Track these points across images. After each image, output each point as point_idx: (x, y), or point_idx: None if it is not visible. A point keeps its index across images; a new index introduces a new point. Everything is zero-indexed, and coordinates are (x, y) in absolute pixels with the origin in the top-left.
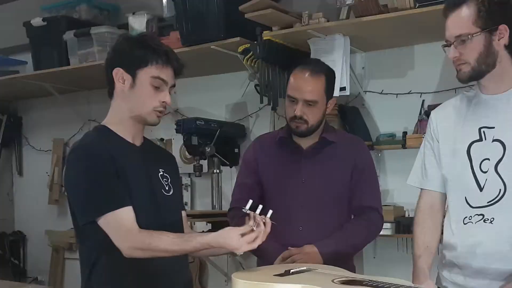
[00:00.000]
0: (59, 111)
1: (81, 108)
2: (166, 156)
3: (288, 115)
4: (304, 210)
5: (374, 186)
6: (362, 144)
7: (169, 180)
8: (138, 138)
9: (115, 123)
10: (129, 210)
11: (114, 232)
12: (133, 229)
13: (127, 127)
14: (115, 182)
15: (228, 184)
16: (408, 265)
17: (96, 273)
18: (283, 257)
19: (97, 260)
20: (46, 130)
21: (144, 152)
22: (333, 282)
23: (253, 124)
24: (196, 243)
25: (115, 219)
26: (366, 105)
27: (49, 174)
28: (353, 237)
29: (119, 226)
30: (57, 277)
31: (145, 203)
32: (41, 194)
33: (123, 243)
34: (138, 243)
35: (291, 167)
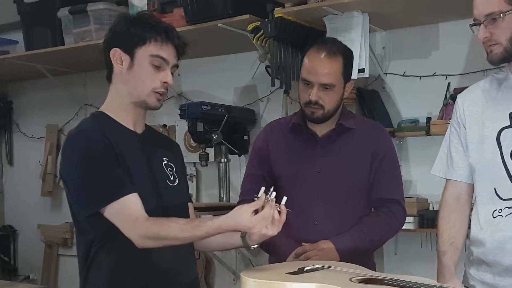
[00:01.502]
0: (52, 95)
1: (77, 91)
2: (170, 144)
3: (302, 100)
4: (320, 203)
5: (395, 177)
6: (383, 130)
7: (174, 170)
8: (140, 125)
9: (114, 109)
10: (136, 197)
11: (122, 222)
12: (141, 217)
13: (127, 113)
14: (117, 168)
15: (236, 174)
16: (432, 262)
17: (95, 270)
18: (296, 254)
19: (95, 256)
20: (39, 116)
21: (146, 139)
22: (351, 281)
23: (263, 109)
24: (207, 228)
25: (122, 207)
26: (386, 88)
27: (42, 164)
28: (373, 232)
29: (127, 215)
30: (50, 275)
31: (148, 194)
32: (33, 185)
33: (132, 233)
34: (147, 232)
35: (305, 156)
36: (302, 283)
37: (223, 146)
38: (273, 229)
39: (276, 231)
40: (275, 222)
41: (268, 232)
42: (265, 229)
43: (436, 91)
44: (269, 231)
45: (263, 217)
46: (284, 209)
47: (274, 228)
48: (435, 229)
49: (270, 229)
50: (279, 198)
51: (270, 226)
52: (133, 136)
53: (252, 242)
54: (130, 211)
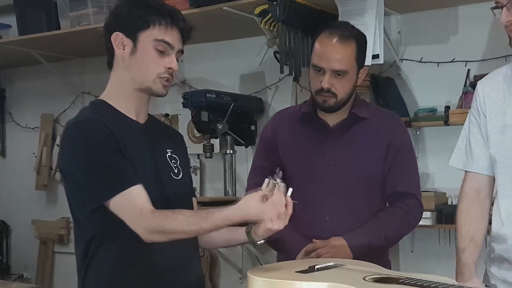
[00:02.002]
0: (48, 83)
1: (74, 78)
2: (174, 134)
3: (313, 87)
4: (331, 197)
5: (411, 169)
6: (398, 120)
7: (178, 162)
8: (142, 114)
9: (115, 97)
10: (141, 189)
11: (127, 215)
12: (146, 209)
13: (129, 101)
14: (120, 158)
15: (243, 167)
16: (450, 260)
17: (94, 268)
18: (306, 251)
19: (95, 254)
20: (33, 104)
21: (149, 130)
22: (365, 280)
23: (272, 97)
24: (215, 220)
25: (127, 200)
26: (402, 75)
27: (36, 155)
28: (388, 228)
29: (132, 207)
30: (45, 274)
31: (151, 188)
32: (27, 178)
33: (138, 226)
34: (153, 225)
35: (316, 147)
36: (312, 282)
37: (228, 136)
38: (279, 223)
39: (283, 225)
40: (281, 215)
41: (274, 226)
42: (271, 222)
43: (455, 78)
44: (275, 225)
45: (273, 202)
46: (291, 201)
47: (281, 222)
48: (453, 225)
49: (276, 223)
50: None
51: (276, 219)
52: (135, 126)
53: (257, 238)
54: (135, 203)
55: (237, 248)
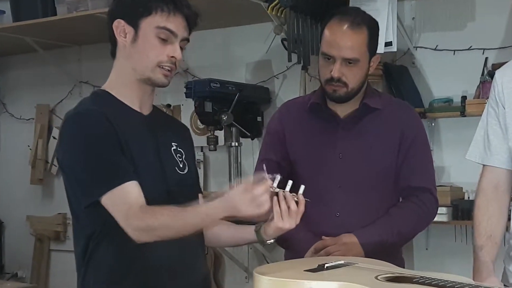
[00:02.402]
0: (43, 71)
1: (71, 67)
2: (180, 128)
3: (323, 77)
4: (342, 192)
5: (426, 162)
6: (412, 111)
7: (183, 156)
8: (146, 105)
9: (117, 87)
10: (135, 185)
11: (117, 212)
12: (134, 205)
13: (132, 92)
14: (118, 153)
15: (249, 160)
16: (467, 258)
17: (94, 266)
18: (315, 249)
19: (94, 252)
20: (28, 94)
21: (153, 122)
22: (377, 279)
23: (279, 87)
24: (201, 214)
25: (120, 196)
26: (416, 63)
27: (31, 148)
28: (401, 224)
29: (122, 204)
30: (40, 273)
31: (154, 182)
32: (22, 172)
33: (126, 225)
34: (139, 223)
35: (325, 139)
36: (322, 282)
37: (234, 128)
38: (290, 222)
39: (294, 224)
40: (293, 214)
41: (285, 225)
42: (282, 221)
43: (472, 67)
44: (286, 224)
45: (252, 196)
46: (302, 199)
47: (292, 220)
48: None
49: (287, 222)
50: (297, 186)
51: (287, 218)
52: (139, 118)
53: (267, 237)
54: (125, 200)
55: (242, 247)
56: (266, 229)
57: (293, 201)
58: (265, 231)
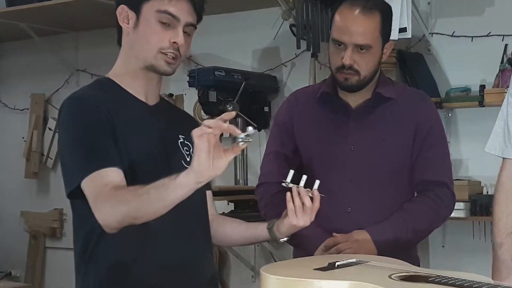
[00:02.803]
0: (39, 59)
1: (67, 54)
2: (188, 119)
3: (334, 64)
4: (353, 186)
5: (442, 155)
6: (428, 101)
7: (191, 150)
8: (152, 95)
9: (122, 75)
10: (116, 172)
11: (89, 197)
12: (106, 187)
13: (137, 81)
14: (105, 139)
15: (255, 153)
16: (486, 256)
17: (94, 265)
18: (326, 246)
19: (95, 249)
20: (23, 83)
21: (159, 113)
22: (391, 278)
23: (287, 75)
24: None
25: (96, 180)
26: (432, 51)
27: (26, 140)
28: (416, 220)
29: (95, 187)
30: (35, 271)
31: (158, 175)
32: (16, 165)
33: (94, 208)
34: (103, 204)
35: (336, 131)
36: (332, 281)
37: (239, 119)
38: (305, 219)
39: (309, 221)
40: (307, 210)
41: (299, 222)
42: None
43: (490, 54)
44: (300, 221)
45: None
46: (317, 195)
47: (306, 217)
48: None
49: (301, 219)
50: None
51: (301, 215)
52: (143, 108)
53: (280, 235)
54: (98, 183)
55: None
56: (279, 227)
57: (308, 197)
58: (278, 229)
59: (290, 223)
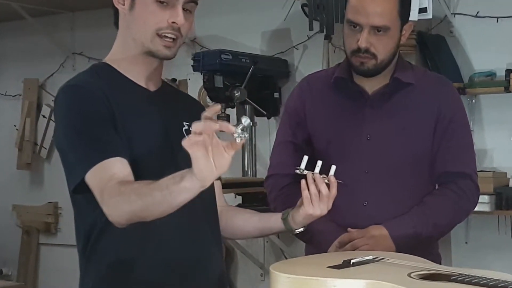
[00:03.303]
0: (32, 41)
1: (63, 36)
2: (193, 105)
3: (349, 47)
4: (370, 178)
5: (465, 145)
6: (450, 86)
7: None
8: (154, 80)
9: (120, 60)
10: (120, 162)
11: (95, 190)
12: (112, 180)
13: (136, 65)
14: (106, 129)
15: (264, 142)
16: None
17: (96, 261)
18: (340, 243)
19: (96, 244)
20: (15, 68)
21: (161, 99)
22: (410, 276)
23: (299, 59)
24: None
25: (100, 172)
26: (455, 32)
27: (18, 128)
28: (437, 214)
29: (100, 180)
30: (28, 269)
31: (162, 167)
32: (7, 155)
33: (101, 202)
34: (110, 199)
35: (351, 119)
36: (347, 280)
37: (248, 106)
38: (321, 207)
39: (326, 210)
40: (324, 198)
41: (315, 211)
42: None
43: None
44: (316, 210)
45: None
46: (334, 181)
47: (323, 205)
48: None
49: (318, 207)
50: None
51: (317, 203)
52: (143, 94)
53: (296, 225)
54: (104, 175)
55: (257, 240)
56: (294, 217)
57: (324, 183)
58: (294, 219)
59: (306, 212)
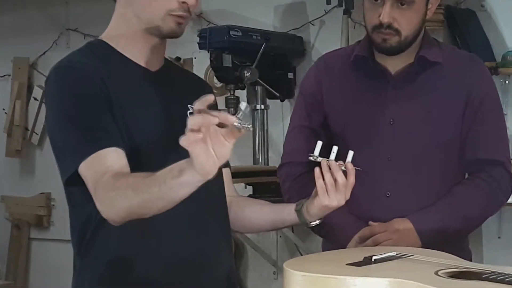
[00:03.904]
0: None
1: (56, 11)
2: (199, 85)
3: (370, 22)
4: (393, 166)
5: (498, 129)
6: (481, 65)
7: None
8: (155, 59)
9: (118, 37)
10: (116, 152)
11: (89, 183)
12: (107, 173)
13: (136, 43)
14: (101, 114)
15: (277, 127)
16: None
17: (91, 259)
18: (361, 237)
19: (92, 240)
20: (3, 45)
21: (163, 80)
22: (437, 275)
23: (315, 36)
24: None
25: (94, 164)
26: (487, 7)
27: (7, 112)
28: (467, 206)
29: (94, 173)
30: (19, 266)
31: (164, 156)
32: None
33: (94, 197)
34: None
35: (373, 101)
36: (369, 278)
37: (259, 87)
38: (338, 198)
39: (343, 200)
40: (341, 187)
41: (331, 202)
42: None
43: None
44: (333, 201)
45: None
46: (352, 168)
47: (340, 195)
48: None
49: (334, 198)
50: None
51: (334, 193)
52: (145, 75)
53: (311, 217)
54: (98, 168)
55: (270, 234)
56: (309, 208)
57: (340, 171)
58: (308, 211)
59: (321, 203)
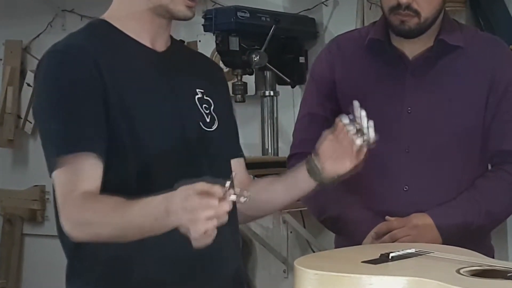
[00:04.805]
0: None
1: None
2: (209, 67)
3: (387, 3)
4: (411, 158)
5: None
6: (506, 49)
7: (211, 107)
8: (161, 39)
9: (122, 17)
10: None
11: (57, 192)
12: (77, 190)
13: (142, 24)
14: (89, 108)
15: (288, 115)
16: None
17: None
18: (377, 233)
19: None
20: None
21: (170, 60)
22: (459, 273)
23: (329, 17)
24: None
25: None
26: None
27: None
28: (491, 200)
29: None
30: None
31: (167, 143)
32: None
33: (60, 212)
34: (71, 213)
35: (389, 88)
36: (386, 277)
37: (268, 72)
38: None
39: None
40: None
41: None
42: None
43: None
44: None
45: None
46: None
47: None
48: None
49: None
50: None
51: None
52: (150, 56)
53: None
54: (72, 179)
55: (280, 230)
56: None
57: None
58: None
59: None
